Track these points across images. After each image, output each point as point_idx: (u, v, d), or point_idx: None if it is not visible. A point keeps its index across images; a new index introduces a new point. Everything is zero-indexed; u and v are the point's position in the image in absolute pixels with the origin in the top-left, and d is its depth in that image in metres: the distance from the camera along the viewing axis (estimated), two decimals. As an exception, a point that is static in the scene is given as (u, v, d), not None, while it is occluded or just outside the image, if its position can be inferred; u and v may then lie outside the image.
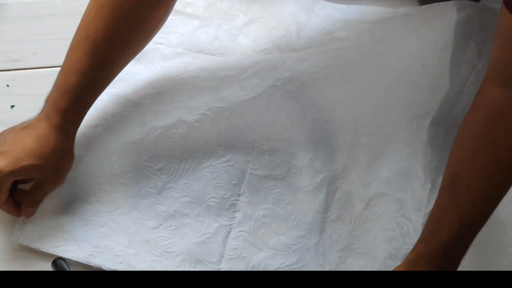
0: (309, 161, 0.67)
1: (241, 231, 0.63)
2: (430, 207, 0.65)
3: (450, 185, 0.57)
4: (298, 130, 0.68)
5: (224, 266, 0.62)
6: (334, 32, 0.73)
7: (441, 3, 0.72)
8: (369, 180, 0.67)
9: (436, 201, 0.59)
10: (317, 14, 0.75)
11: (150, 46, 0.69)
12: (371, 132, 0.70)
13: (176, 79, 0.69)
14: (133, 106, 0.67)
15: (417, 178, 0.68)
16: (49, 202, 0.62)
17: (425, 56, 0.71)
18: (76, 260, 0.60)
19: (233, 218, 0.64)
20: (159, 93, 0.68)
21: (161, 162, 0.65)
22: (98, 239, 0.61)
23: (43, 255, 0.61)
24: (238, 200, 0.65)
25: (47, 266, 0.60)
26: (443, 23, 0.71)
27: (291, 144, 0.67)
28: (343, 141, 0.68)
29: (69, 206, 0.62)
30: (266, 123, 0.68)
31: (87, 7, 0.58)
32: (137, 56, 0.68)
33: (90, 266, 0.61)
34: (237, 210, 0.64)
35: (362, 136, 0.69)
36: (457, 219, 0.55)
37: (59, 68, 0.60)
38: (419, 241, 0.58)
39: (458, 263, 0.57)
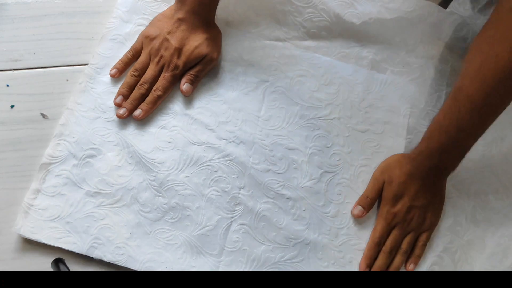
0: (308, 157, 0.67)
1: (242, 224, 0.63)
2: None
3: (454, 95, 0.61)
4: (297, 126, 0.68)
5: (225, 259, 0.62)
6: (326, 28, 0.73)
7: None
8: (368, 175, 0.68)
9: (441, 108, 0.63)
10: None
11: (133, 28, 0.70)
12: (369, 129, 0.70)
13: None
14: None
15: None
16: (50, 194, 0.62)
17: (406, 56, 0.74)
18: (78, 251, 0.60)
19: (234, 211, 0.64)
20: None
21: (163, 155, 0.65)
22: (100, 231, 0.61)
23: (43, 255, 0.61)
24: (239, 193, 0.64)
25: (47, 266, 0.60)
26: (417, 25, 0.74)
27: (291, 139, 0.68)
28: (342, 137, 0.69)
29: (71, 198, 0.62)
30: (264, 119, 0.68)
31: None
32: (121, 39, 0.69)
33: (90, 266, 0.61)
34: (238, 203, 0.64)
35: (360, 133, 0.70)
36: (455, 124, 0.60)
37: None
38: (422, 140, 0.66)
39: (456, 163, 0.64)
